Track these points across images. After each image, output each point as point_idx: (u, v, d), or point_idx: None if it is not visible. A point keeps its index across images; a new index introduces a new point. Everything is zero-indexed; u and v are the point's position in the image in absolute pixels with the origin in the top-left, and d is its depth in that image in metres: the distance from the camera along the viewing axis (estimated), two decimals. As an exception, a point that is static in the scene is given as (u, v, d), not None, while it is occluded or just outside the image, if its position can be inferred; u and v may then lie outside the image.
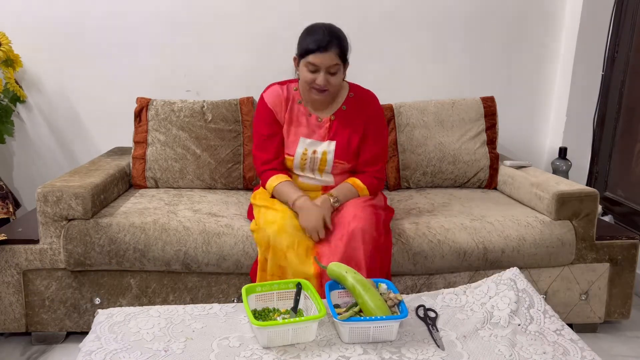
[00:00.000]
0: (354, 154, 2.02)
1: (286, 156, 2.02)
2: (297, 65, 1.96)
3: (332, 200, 1.92)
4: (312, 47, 1.84)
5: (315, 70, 1.87)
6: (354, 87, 2.06)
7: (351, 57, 2.17)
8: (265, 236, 1.85)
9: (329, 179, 2.04)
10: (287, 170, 2.06)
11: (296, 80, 2.05)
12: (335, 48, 1.85)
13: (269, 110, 2.02)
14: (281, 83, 2.08)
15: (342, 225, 1.85)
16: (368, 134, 2.01)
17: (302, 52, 1.88)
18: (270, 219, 1.89)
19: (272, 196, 2.01)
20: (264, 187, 2.04)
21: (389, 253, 1.93)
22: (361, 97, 2.04)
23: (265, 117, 2.02)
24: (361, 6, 2.78)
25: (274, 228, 1.84)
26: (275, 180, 1.98)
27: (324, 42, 1.83)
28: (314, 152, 2.00)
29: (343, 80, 1.99)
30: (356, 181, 2.00)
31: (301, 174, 2.05)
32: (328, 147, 2.00)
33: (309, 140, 2.00)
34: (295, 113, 2.02)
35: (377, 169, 2.04)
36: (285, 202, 1.95)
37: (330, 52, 1.84)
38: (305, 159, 2.00)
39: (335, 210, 1.94)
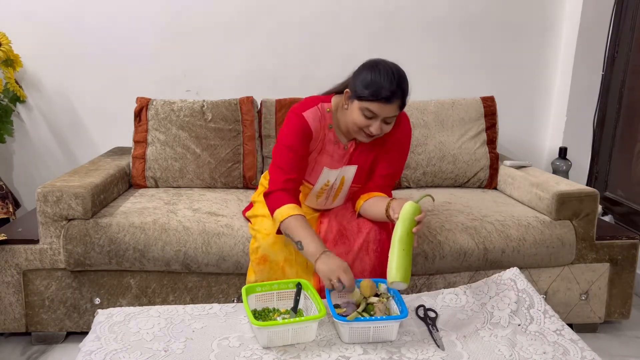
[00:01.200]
0: (369, 176, 1.86)
1: (305, 183, 1.85)
2: (348, 99, 1.70)
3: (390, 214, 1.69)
4: (375, 98, 1.61)
5: (371, 117, 1.65)
6: None
7: (352, 56, 2.17)
8: (260, 248, 1.77)
9: (338, 203, 1.94)
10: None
11: (327, 99, 1.81)
12: (399, 100, 1.65)
13: (310, 131, 1.75)
14: (314, 102, 1.79)
15: (351, 244, 1.77)
16: (391, 153, 1.83)
17: (361, 94, 1.63)
18: (266, 229, 1.81)
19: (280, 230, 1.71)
20: (268, 204, 1.75)
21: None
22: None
23: (304, 136, 1.74)
24: (361, 6, 2.78)
25: (269, 241, 1.77)
26: (290, 211, 1.66)
27: (389, 92, 1.61)
28: (335, 178, 1.84)
29: None
30: (381, 196, 1.80)
31: (314, 201, 1.91)
32: (347, 172, 1.83)
33: (334, 172, 1.82)
34: (326, 139, 1.79)
35: (393, 183, 1.90)
36: (291, 239, 1.67)
37: (393, 104, 1.64)
38: (325, 190, 1.86)
39: (344, 209, 1.89)
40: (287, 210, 1.66)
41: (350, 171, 1.83)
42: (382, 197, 1.79)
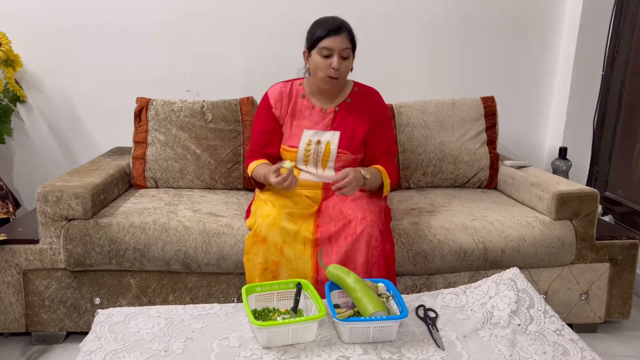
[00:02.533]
0: (358, 145, 2.05)
1: (289, 148, 2.05)
2: (307, 58, 2.01)
3: (363, 172, 1.94)
4: (324, 33, 1.91)
5: (329, 54, 1.92)
6: (357, 84, 2.12)
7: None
8: (259, 229, 1.84)
9: (331, 174, 2.04)
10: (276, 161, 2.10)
11: (300, 79, 2.11)
12: (346, 32, 1.93)
13: (269, 106, 2.09)
14: (285, 81, 2.14)
15: (349, 224, 1.84)
16: (377, 131, 2.07)
17: (315, 40, 1.93)
18: (266, 212, 1.89)
19: (253, 179, 2.09)
20: (248, 170, 2.10)
21: (393, 256, 1.90)
22: (365, 92, 2.10)
23: (264, 113, 2.10)
24: (361, 6, 2.78)
25: (268, 221, 1.84)
26: (254, 164, 2.05)
27: (336, 26, 1.92)
28: (318, 142, 2.03)
29: (351, 70, 2.03)
30: (381, 168, 2.04)
31: (304, 168, 2.06)
32: (332, 137, 2.03)
33: (312, 131, 2.04)
34: (299, 107, 2.07)
35: (391, 157, 2.12)
36: (264, 182, 2.01)
37: (342, 35, 1.91)
38: (309, 150, 2.03)
39: (342, 204, 1.92)
40: (251, 165, 2.06)
41: (335, 137, 2.04)
42: (373, 167, 2.05)
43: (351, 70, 2.02)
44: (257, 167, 2.04)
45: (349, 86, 2.09)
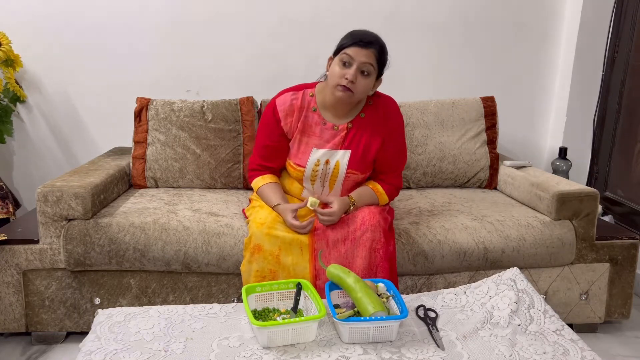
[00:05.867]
0: (369, 164, 1.94)
1: (296, 166, 1.94)
2: (329, 65, 1.87)
3: (350, 205, 1.88)
4: (352, 41, 1.78)
5: (348, 63, 1.78)
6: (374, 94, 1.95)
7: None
8: (254, 237, 1.80)
9: (336, 194, 1.97)
10: (286, 176, 2.03)
11: (312, 86, 1.96)
12: (375, 50, 1.79)
13: (277, 120, 1.93)
14: (295, 88, 1.97)
15: (348, 227, 1.82)
16: (388, 142, 1.93)
17: (340, 47, 1.81)
18: (261, 219, 1.85)
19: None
20: (250, 184, 2.03)
21: (395, 258, 1.89)
22: (380, 105, 1.94)
23: (271, 127, 1.95)
24: (361, 6, 2.78)
25: (263, 230, 1.80)
26: (261, 181, 1.96)
27: (367, 39, 1.78)
28: (327, 162, 1.91)
29: (370, 95, 1.91)
30: (377, 186, 1.95)
31: (309, 187, 1.97)
32: (342, 157, 1.91)
33: (322, 151, 1.90)
34: (309, 122, 1.92)
35: (395, 175, 1.99)
36: (271, 208, 1.92)
37: (370, 50, 1.77)
38: (317, 171, 1.92)
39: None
40: (257, 182, 1.97)
41: (345, 156, 1.91)
42: (366, 185, 1.98)
43: (372, 93, 1.90)
44: (266, 188, 1.93)
45: (363, 99, 1.92)
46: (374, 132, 1.91)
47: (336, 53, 1.83)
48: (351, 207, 1.88)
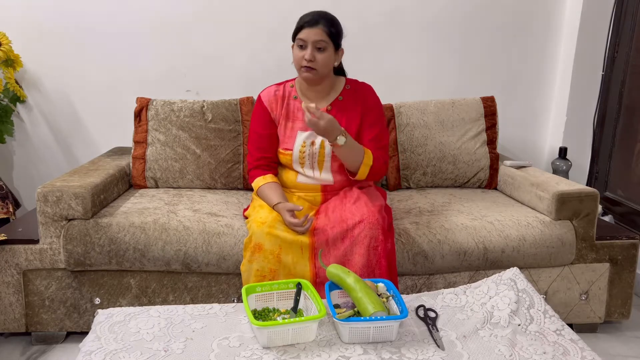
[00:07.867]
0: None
1: (284, 151, 2.03)
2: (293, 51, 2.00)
3: (342, 132, 1.84)
4: (300, 25, 1.93)
5: (303, 46, 1.92)
6: (350, 81, 2.10)
7: (352, 57, 2.17)
8: (254, 236, 1.81)
9: (328, 176, 2.03)
10: (280, 167, 2.08)
11: (292, 80, 2.11)
12: (323, 26, 1.91)
13: (265, 109, 2.07)
14: (278, 84, 2.13)
15: (348, 227, 1.83)
16: (367, 117, 2.02)
17: (294, 34, 1.96)
18: (261, 218, 1.86)
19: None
20: (250, 181, 2.08)
21: (394, 256, 1.90)
22: (358, 88, 2.07)
23: (261, 116, 2.08)
24: (361, 6, 2.78)
25: (263, 230, 1.81)
26: (262, 181, 2.02)
27: (312, 18, 1.92)
28: (312, 143, 2.00)
29: (336, 66, 2.01)
30: (366, 149, 1.95)
31: (300, 170, 2.04)
32: None
33: (306, 133, 2.01)
34: (292, 108, 2.06)
35: (379, 147, 2.00)
36: (266, 203, 1.98)
37: (317, 28, 1.90)
38: (304, 152, 2.01)
39: (341, 207, 1.91)
40: (258, 181, 2.02)
41: None
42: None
43: (337, 63, 2.01)
44: (266, 188, 1.99)
45: (340, 83, 2.07)
46: (354, 111, 2.03)
47: (293, 40, 1.97)
48: (340, 136, 1.84)
